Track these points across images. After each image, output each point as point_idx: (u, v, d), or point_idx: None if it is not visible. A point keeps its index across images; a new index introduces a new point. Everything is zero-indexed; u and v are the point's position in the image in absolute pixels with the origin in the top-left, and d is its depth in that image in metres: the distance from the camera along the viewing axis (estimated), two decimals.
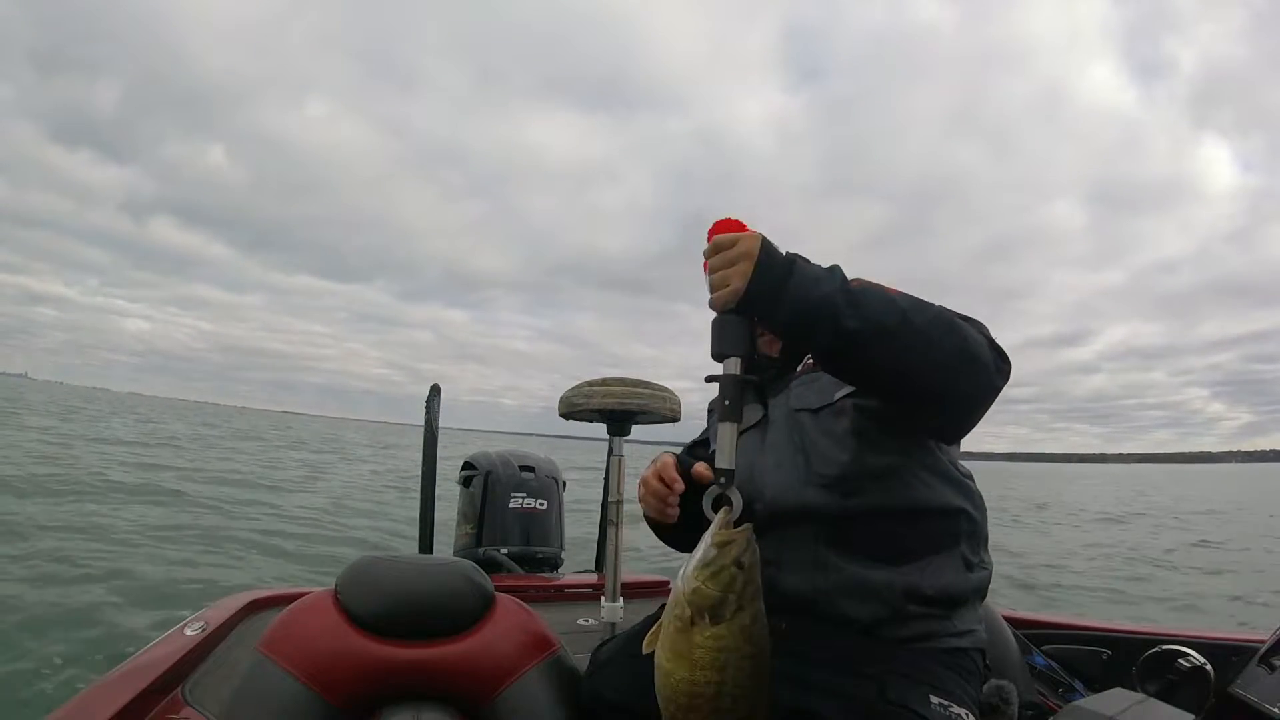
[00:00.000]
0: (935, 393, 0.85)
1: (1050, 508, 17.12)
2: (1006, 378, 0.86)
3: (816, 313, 0.78)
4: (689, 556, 0.73)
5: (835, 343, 0.80)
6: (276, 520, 7.22)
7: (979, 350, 0.83)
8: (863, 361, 0.83)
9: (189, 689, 1.08)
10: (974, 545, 1.01)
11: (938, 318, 0.82)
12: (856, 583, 0.94)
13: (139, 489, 8.13)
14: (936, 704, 0.85)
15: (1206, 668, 1.36)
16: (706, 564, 0.69)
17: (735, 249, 0.79)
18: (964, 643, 0.97)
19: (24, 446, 10.63)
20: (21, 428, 14.85)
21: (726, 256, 0.80)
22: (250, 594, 1.48)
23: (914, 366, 0.81)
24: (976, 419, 0.90)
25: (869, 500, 0.95)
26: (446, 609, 1.02)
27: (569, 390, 1.61)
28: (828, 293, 0.78)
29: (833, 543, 0.96)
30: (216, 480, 10.02)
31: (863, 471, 0.95)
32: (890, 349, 0.80)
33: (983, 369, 0.84)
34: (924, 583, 0.94)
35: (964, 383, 0.84)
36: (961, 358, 0.82)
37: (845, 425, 0.98)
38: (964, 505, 0.99)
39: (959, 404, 0.88)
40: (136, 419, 27.93)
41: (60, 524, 5.54)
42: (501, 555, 2.18)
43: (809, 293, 0.78)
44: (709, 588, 0.68)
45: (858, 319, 0.78)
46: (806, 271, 0.80)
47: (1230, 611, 5.54)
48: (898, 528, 0.96)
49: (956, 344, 0.82)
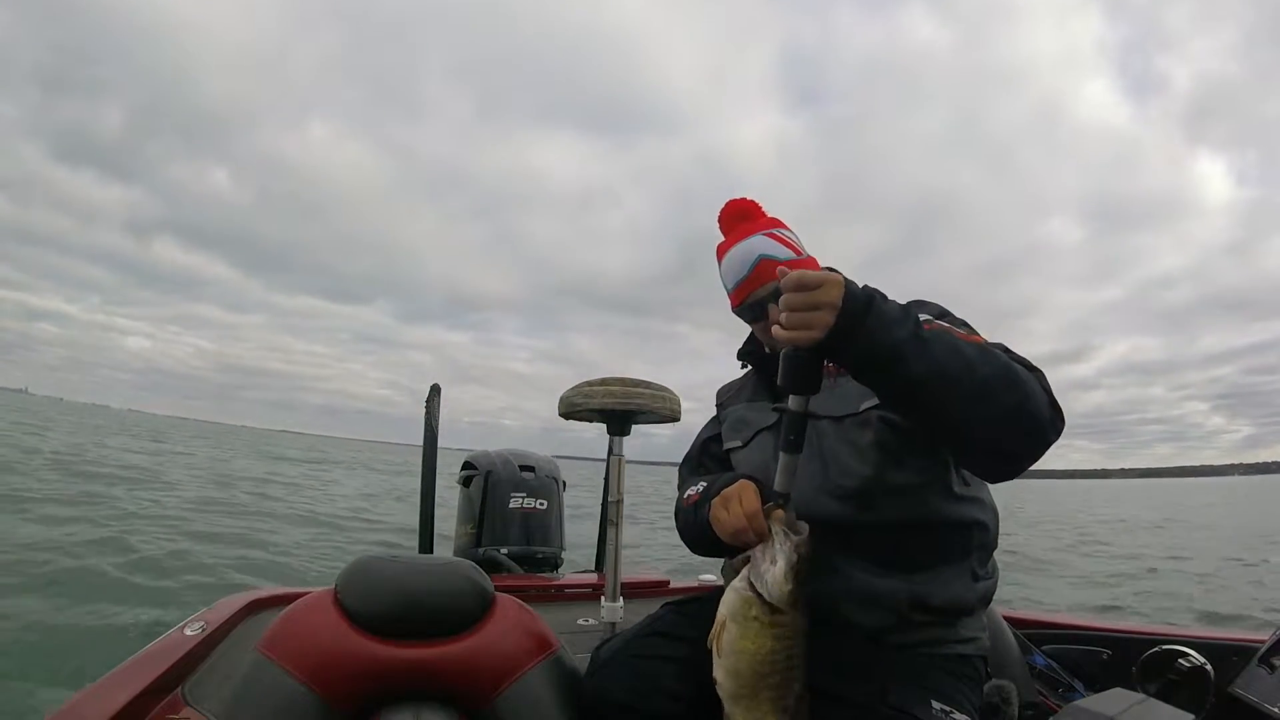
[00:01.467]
0: (989, 445, 0.84)
1: (1171, 527, 15.32)
2: (1059, 434, 0.85)
3: (884, 358, 0.78)
4: (761, 563, 0.82)
5: (899, 388, 0.81)
6: (277, 521, 7.22)
7: (1038, 408, 0.82)
8: (921, 405, 0.82)
9: (189, 689, 1.08)
10: (983, 558, 1.01)
11: (1003, 372, 0.81)
12: (864, 590, 0.94)
13: (140, 484, 8.14)
14: (938, 710, 0.85)
15: (1206, 668, 1.36)
16: (793, 567, 0.80)
17: (819, 293, 0.77)
18: (967, 650, 0.98)
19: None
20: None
21: (810, 299, 0.77)
22: (250, 594, 1.48)
23: (972, 418, 0.80)
24: (1022, 469, 0.88)
25: (885, 514, 0.95)
26: (446, 609, 1.02)
27: (569, 390, 1.61)
28: (899, 339, 0.78)
29: (843, 549, 0.96)
30: (218, 481, 10.02)
31: (882, 486, 0.95)
32: (951, 399, 0.79)
33: (1038, 427, 0.82)
34: (932, 593, 0.94)
35: (1018, 438, 0.83)
36: (1020, 415, 0.81)
37: (869, 438, 0.97)
38: (979, 518, 0.99)
39: (1010, 457, 0.86)
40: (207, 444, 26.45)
41: (60, 524, 5.54)
42: (501, 555, 2.18)
43: (880, 339, 0.77)
44: (796, 587, 0.80)
45: (924, 366, 0.77)
46: (883, 314, 0.78)
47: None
48: (910, 539, 0.96)
49: (1017, 400, 0.80)
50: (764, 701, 0.82)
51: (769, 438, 1.09)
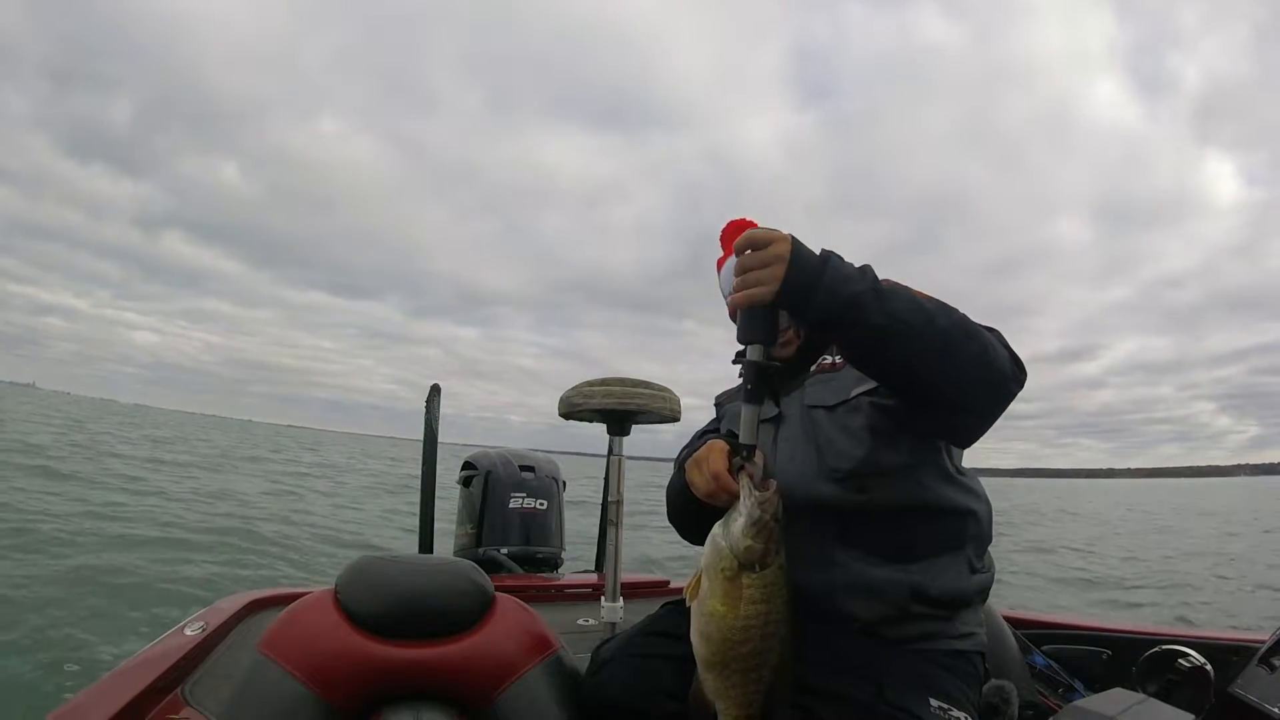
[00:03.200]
0: (952, 394, 0.87)
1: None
2: (1021, 386, 0.88)
3: (845, 311, 0.80)
4: (730, 518, 0.82)
5: (861, 338, 0.83)
6: (279, 521, 7.22)
7: (997, 358, 0.85)
8: (885, 359, 0.85)
9: (189, 689, 1.08)
10: (979, 549, 1.01)
11: (961, 323, 0.85)
12: (863, 580, 0.94)
13: (142, 487, 8.14)
14: (935, 707, 0.85)
15: (1206, 668, 1.36)
16: (754, 523, 0.79)
17: (768, 251, 0.80)
18: (964, 645, 0.97)
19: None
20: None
21: (759, 257, 0.81)
22: (250, 594, 1.48)
23: (934, 368, 0.83)
24: (989, 424, 0.92)
25: (880, 497, 0.96)
26: (446, 609, 1.02)
27: (569, 390, 1.61)
28: (858, 291, 0.80)
29: (842, 539, 0.96)
30: (221, 483, 10.02)
31: (875, 468, 0.96)
32: (913, 349, 0.82)
33: (1000, 376, 0.86)
34: (930, 583, 0.94)
35: (980, 388, 0.86)
36: (980, 364, 0.84)
37: (860, 422, 0.99)
38: (973, 507, 1.00)
39: (974, 408, 0.89)
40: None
41: (61, 524, 5.54)
42: (501, 555, 2.18)
43: (839, 291, 0.80)
44: (757, 543, 0.78)
45: (884, 317, 0.80)
46: (839, 270, 0.81)
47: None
48: (907, 527, 0.96)
49: (977, 350, 0.84)
50: (735, 673, 0.80)
51: (767, 430, 1.10)
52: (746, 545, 0.78)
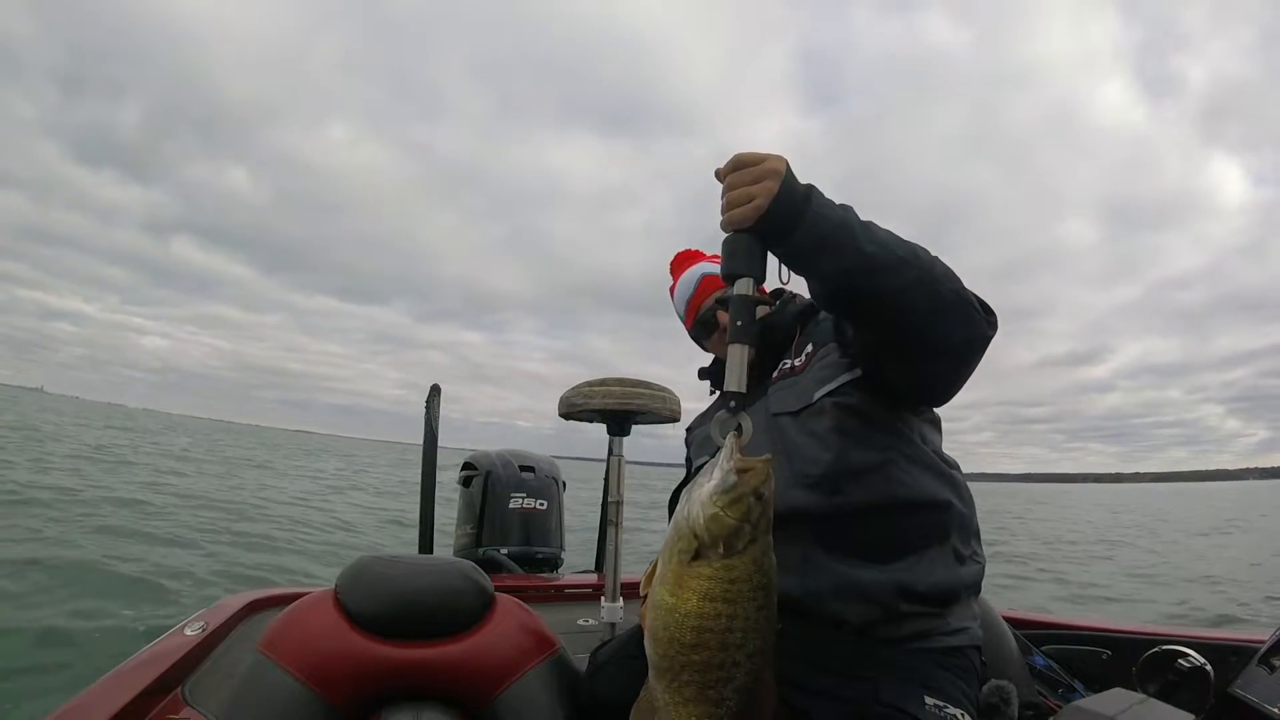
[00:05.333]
0: (932, 331, 0.83)
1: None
2: (994, 330, 0.86)
3: (835, 235, 0.78)
4: (696, 483, 0.67)
5: (850, 266, 0.79)
6: (279, 523, 7.22)
7: (972, 297, 0.84)
8: (871, 289, 0.80)
9: (189, 689, 1.08)
10: (964, 538, 1.00)
11: (940, 262, 0.83)
12: (847, 583, 0.93)
13: (143, 488, 8.13)
14: (931, 705, 0.84)
15: (1206, 668, 1.35)
16: (726, 490, 0.64)
17: (761, 166, 0.77)
18: (959, 641, 0.96)
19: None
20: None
21: (751, 173, 0.77)
22: (250, 594, 1.48)
23: (917, 301, 0.81)
24: (965, 372, 0.89)
25: (855, 497, 0.95)
26: (446, 609, 1.02)
27: (569, 390, 1.61)
28: (846, 218, 0.79)
29: (821, 543, 0.95)
30: (223, 484, 10.01)
31: (847, 469, 0.95)
32: (899, 280, 0.79)
33: (976, 315, 0.84)
34: (916, 579, 0.93)
35: (959, 326, 0.83)
36: (958, 300, 0.83)
37: (827, 424, 0.98)
38: (950, 497, 0.98)
39: (952, 350, 0.86)
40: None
41: (64, 521, 5.54)
42: (501, 555, 2.18)
43: (828, 214, 0.78)
44: (728, 515, 0.63)
45: (874, 244, 0.78)
46: (824, 199, 0.80)
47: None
48: (886, 524, 0.95)
49: (954, 287, 0.83)
50: (687, 686, 0.64)
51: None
52: (711, 515, 0.62)
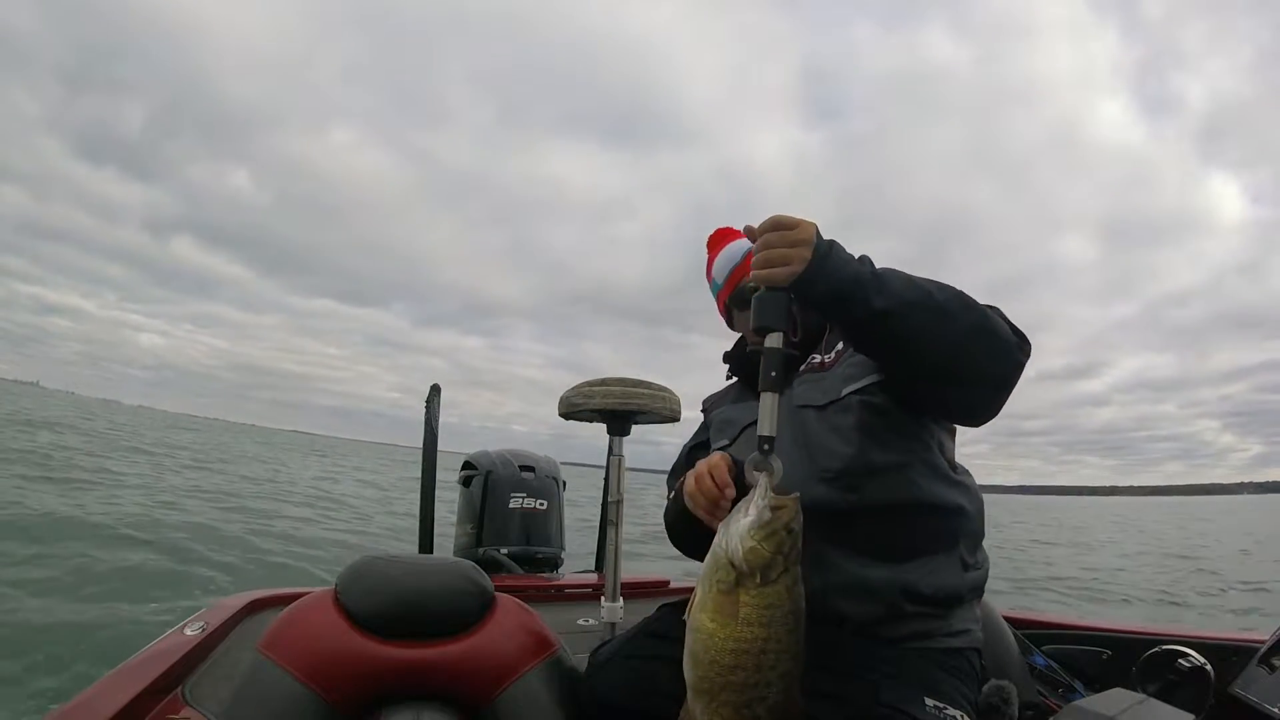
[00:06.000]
0: (956, 366, 0.87)
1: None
2: (1027, 355, 0.89)
3: (850, 290, 0.83)
4: (732, 519, 0.75)
5: (865, 316, 0.84)
6: (279, 522, 7.22)
7: (998, 327, 0.87)
8: (889, 334, 0.86)
9: (189, 689, 1.08)
10: (971, 545, 1.01)
11: (958, 295, 0.87)
12: (855, 581, 0.94)
13: (142, 487, 8.13)
14: (931, 706, 0.85)
15: (1206, 668, 1.35)
16: (761, 525, 0.72)
17: (797, 231, 0.84)
18: (960, 643, 0.97)
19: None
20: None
21: (788, 237, 0.84)
22: (250, 594, 1.48)
23: (937, 339, 0.85)
24: (1002, 397, 0.91)
25: (872, 496, 0.96)
26: (446, 609, 1.02)
27: (569, 390, 1.61)
28: (860, 273, 0.84)
29: (833, 539, 0.95)
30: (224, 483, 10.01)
31: (867, 467, 0.96)
32: (914, 322, 0.84)
33: (1003, 344, 0.87)
34: (922, 582, 0.94)
35: (984, 358, 0.87)
36: (981, 332, 0.86)
37: (851, 421, 0.99)
38: (964, 504, 0.99)
39: (980, 379, 0.90)
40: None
41: (63, 522, 5.54)
42: (501, 555, 2.18)
43: (844, 273, 0.83)
44: (763, 548, 0.71)
45: (884, 295, 0.83)
46: (842, 255, 0.86)
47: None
48: (900, 525, 0.96)
49: (975, 320, 0.86)
50: (724, 705, 0.70)
51: (752, 436, 1.10)
52: (750, 548, 0.70)
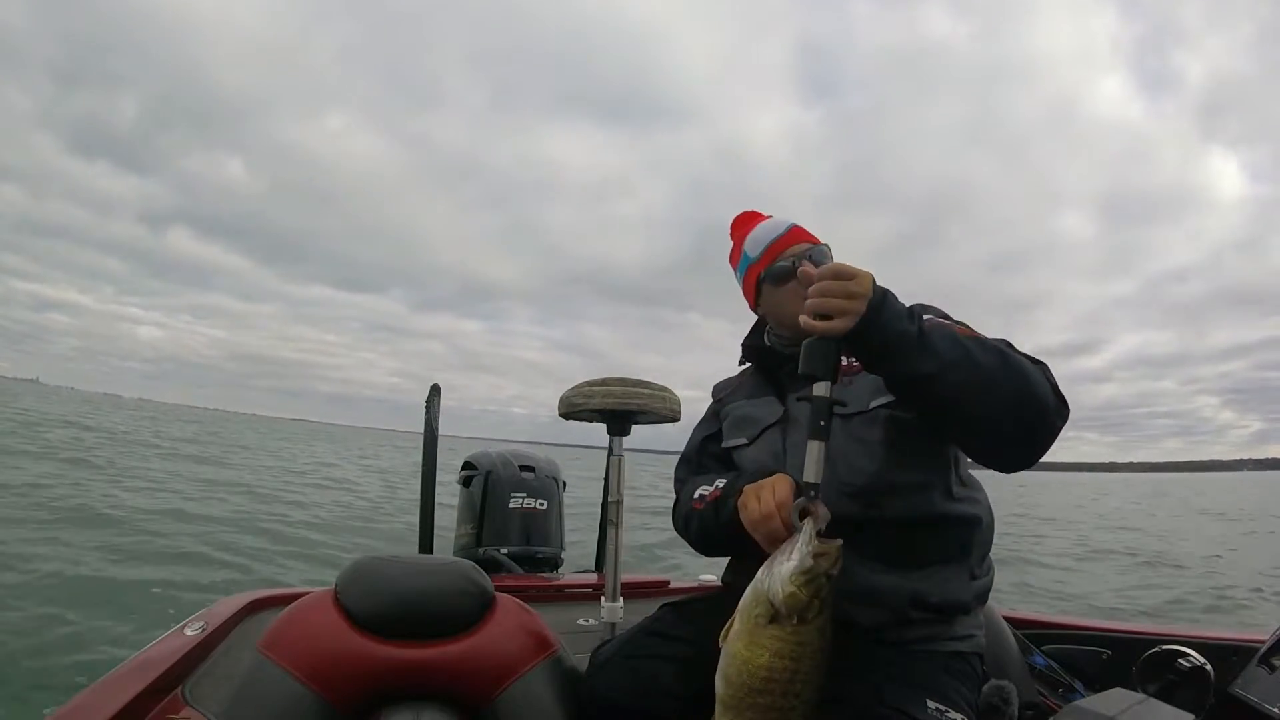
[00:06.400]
0: (992, 430, 0.88)
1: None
2: (1064, 420, 0.89)
3: (894, 348, 0.83)
4: (777, 559, 0.78)
5: (907, 377, 0.85)
6: (278, 521, 7.22)
7: (1041, 393, 0.86)
8: (929, 395, 0.86)
9: (189, 689, 1.08)
10: (980, 557, 1.03)
11: (1002, 360, 0.86)
12: (865, 588, 0.95)
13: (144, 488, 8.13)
14: (933, 709, 0.86)
15: (1206, 668, 1.36)
16: (804, 571, 0.75)
17: (856, 283, 0.83)
18: (963, 647, 0.98)
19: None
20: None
21: (847, 288, 0.83)
22: (250, 594, 1.48)
23: (976, 404, 0.85)
24: (1036, 456, 0.91)
25: (890, 511, 0.97)
26: (446, 609, 1.02)
27: (569, 390, 1.61)
28: (907, 331, 0.83)
29: (846, 547, 0.96)
30: (224, 482, 10.02)
31: (888, 484, 0.97)
32: (956, 387, 0.84)
33: (1042, 412, 0.87)
34: (930, 591, 0.95)
35: (1023, 424, 0.87)
36: (1022, 400, 0.85)
37: (877, 436, 0.98)
38: (977, 515, 1.01)
39: (1018, 443, 0.89)
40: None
41: (64, 521, 5.54)
42: (501, 555, 2.17)
43: (892, 330, 0.83)
44: (803, 592, 0.75)
45: (929, 358, 0.83)
46: (894, 309, 0.84)
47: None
48: (912, 537, 0.97)
49: (1018, 386, 0.85)
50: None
51: (775, 434, 1.09)
52: (790, 593, 0.74)
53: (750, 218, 1.22)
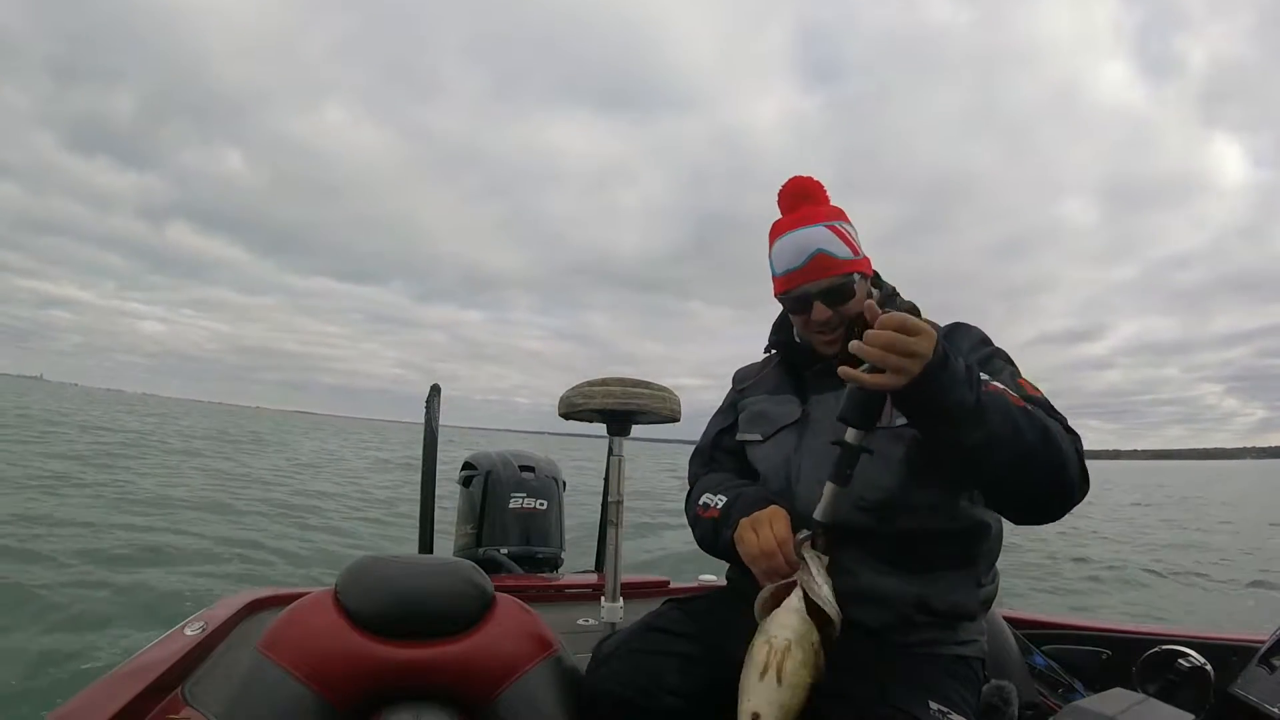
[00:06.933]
0: (1018, 500, 0.90)
1: None
2: (1083, 497, 0.90)
3: (945, 415, 0.81)
4: (774, 621, 0.83)
5: (948, 443, 0.84)
6: (277, 520, 7.22)
7: (1070, 475, 0.87)
8: (969, 460, 0.86)
9: (189, 689, 1.08)
10: (988, 564, 1.04)
11: (1044, 439, 0.84)
12: (871, 590, 0.96)
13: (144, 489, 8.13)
14: (935, 710, 0.86)
15: (1206, 668, 1.36)
16: (803, 651, 0.80)
17: (916, 342, 0.78)
18: (966, 651, 1.00)
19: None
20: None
21: (908, 344, 0.78)
22: (250, 594, 1.48)
23: (1010, 476, 0.85)
24: (1044, 523, 0.93)
25: (904, 525, 0.97)
26: (446, 609, 1.02)
27: (569, 390, 1.61)
28: (963, 400, 0.81)
29: (855, 551, 0.97)
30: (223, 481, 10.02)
31: (905, 502, 0.97)
32: (995, 460, 0.83)
33: (1068, 492, 0.87)
34: (936, 597, 0.96)
35: (1047, 500, 0.88)
36: (1052, 480, 0.86)
37: (899, 454, 0.96)
38: (988, 524, 1.02)
39: (1035, 513, 0.91)
40: None
41: (63, 522, 5.54)
42: (501, 555, 2.17)
43: (949, 395, 0.80)
44: (804, 673, 0.80)
45: (979, 431, 0.81)
46: (954, 373, 0.81)
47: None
48: (922, 545, 0.98)
49: (1053, 467, 0.85)
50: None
51: (791, 435, 1.08)
52: (792, 673, 0.78)
53: (794, 200, 1.11)
